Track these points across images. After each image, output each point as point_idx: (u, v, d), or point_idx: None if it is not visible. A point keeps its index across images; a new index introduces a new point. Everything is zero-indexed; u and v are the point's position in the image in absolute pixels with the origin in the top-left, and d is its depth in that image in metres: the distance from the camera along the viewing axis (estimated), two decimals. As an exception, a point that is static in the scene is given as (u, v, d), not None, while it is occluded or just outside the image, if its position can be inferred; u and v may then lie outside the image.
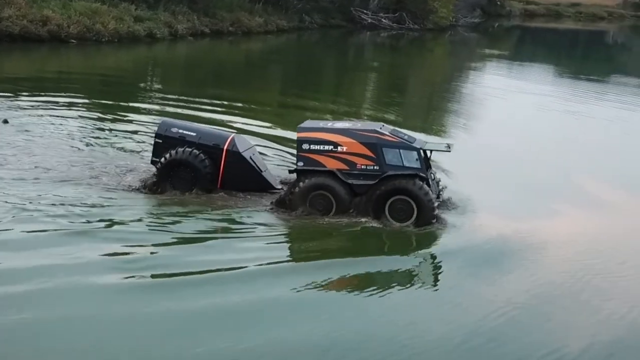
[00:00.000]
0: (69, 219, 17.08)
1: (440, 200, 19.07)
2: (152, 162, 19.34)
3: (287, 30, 71.44)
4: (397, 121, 33.84)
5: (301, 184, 17.75)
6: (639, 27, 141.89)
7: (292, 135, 28.01)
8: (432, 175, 18.97)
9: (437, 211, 18.06)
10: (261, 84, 44.72)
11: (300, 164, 18.03)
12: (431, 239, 17.92)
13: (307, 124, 18.82)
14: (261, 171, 19.39)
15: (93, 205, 18.04)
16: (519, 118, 37.74)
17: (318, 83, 47.80)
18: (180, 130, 19.12)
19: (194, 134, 19.03)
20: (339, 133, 17.91)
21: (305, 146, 17.95)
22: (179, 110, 30.77)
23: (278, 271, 15.53)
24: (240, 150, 19.01)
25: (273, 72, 51.79)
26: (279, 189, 19.31)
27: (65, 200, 18.19)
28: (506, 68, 65.84)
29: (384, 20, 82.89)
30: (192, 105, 32.38)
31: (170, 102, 33.64)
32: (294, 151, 24.41)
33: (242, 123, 29.22)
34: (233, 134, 19.75)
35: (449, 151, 18.68)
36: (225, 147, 18.78)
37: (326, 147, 17.77)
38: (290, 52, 64.73)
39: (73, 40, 47.05)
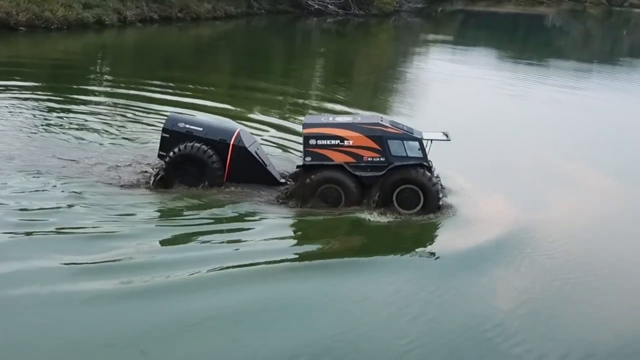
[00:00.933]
0: (43, 216, 16.57)
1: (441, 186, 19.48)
2: (159, 156, 19.41)
3: (236, 16, 71.51)
4: (346, 103, 34.68)
5: (310, 178, 18.09)
6: (576, 11, 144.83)
7: (243, 114, 29.18)
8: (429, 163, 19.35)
9: (441, 197, 18.63)
10: (211, 68, 44.98)
11: (308, 159, 18.28)
12: (435, 229, 18.31)
13: (310, 119, 19.18)
14: (266, 165, 19.60)
15: (70, 202, 17.61)
16: (465, 101, 38.43)
17: (267, 67, 48.22)
18: (187, 125, 19.19)
19: (201, 129, 19.12)
20: (344, 127, 18.29)
21: (312, 142, 18.19)
22: (130, 92, 31.34)
23: (276, 271, 15.34)
24: (246, 145, 19.18)
25: (222, 58, 52.08)
26: (282, 183, 19.54)
27: (36, 193, 17.78)
28: (450, 52, 66.94)
29: (330, 6, 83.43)
30: (143, 87, 32.85)
31: (122, 85, 34.12)
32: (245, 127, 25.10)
33: (192, 103, 29.79)
34: (238, 129, 19.86)
35: (449, 140, 18.95)
36: (231, 142, 18.89)
37: (333, 142, 18.11)
38: (239, 38, 64.85)
39: (22, 28, 46.62)
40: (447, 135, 19.02)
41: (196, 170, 18.56)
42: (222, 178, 18.84)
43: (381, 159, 18.08)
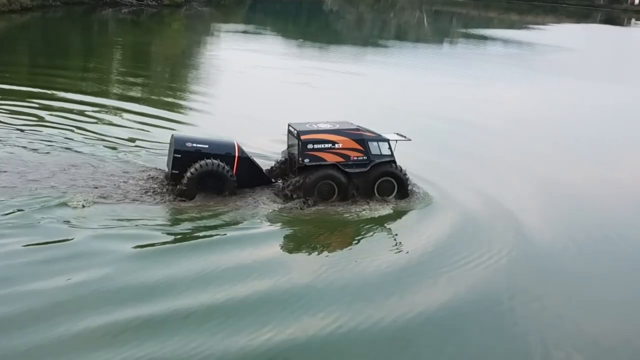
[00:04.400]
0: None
1: None
2: (173, 175, 20.27)
3: (32, 9, 69.42)
4: (144, 98, 35.99)
5: (309, 177, 20.33)
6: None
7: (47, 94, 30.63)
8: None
9: (410, 187, 21.65)
10: (8, 61, 44.12)
11: (307, 160, 20.42)
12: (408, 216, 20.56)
13: (302, 127, 20.87)
14: (261, 169, 21.38)
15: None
16: (262, 88, 39.98)
17: (66, 59, 47.90)
18: (195, 144, 20.33)
19: (207, 146, 20.34)
20: (333, 133, 20.77)
21: (310, 146, 20.44)
22: None
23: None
24: (247, 155, 20.88)
25: (22, 49, 50.69)
26: (275, 182, 21.39)
27: None
28: (242, 40, 68.47)
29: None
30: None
31: None
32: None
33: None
34: (235, 142, 21.15)
35: (410, 140, 21.82)
36: (236, 155, 20.48)
37: (326, 146, 20.56)
38: (36, 30, 63.23)
39: None
40: (405, 136, 21.96)
41: (214, 183, 19.84)
42: (236, 187, 20.27)
43: (364, 157, 20.89)
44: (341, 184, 20.66)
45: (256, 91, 38.92)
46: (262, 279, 15.59)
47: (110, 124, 28.23)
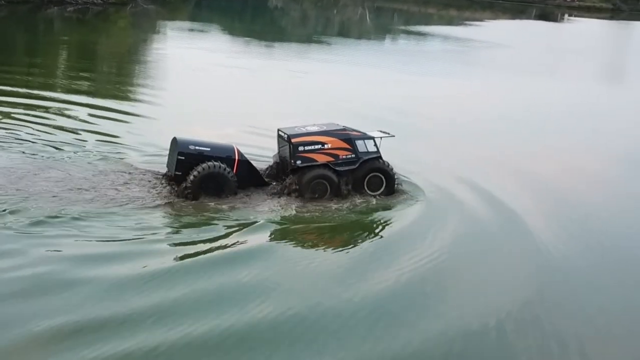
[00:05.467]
0: None
1: None
2: (176, 177, 20.61)
3: (-25, 9, 68.20)
4: (92, 92, 36.07)
5: (304, 177, 21.13)
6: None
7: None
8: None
9: (397, 182, 22.54)
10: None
11: (299, 162, 21.23)
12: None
13: (292, 131, 21.59)
14: (259, 172, 22.01)
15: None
16: (214, 85, 40.49)
17: (11, 57, 47.25)
18: (197, 147, 20.75)
19: (209, 149, 20.81)
20: (322, 134, 21.63)
21: (301, 148, 21.22)
22: None
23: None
24: (246, 158, 21.47)
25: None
26: (268, 183, 21.99)
27: None
28: (189, 38, 68.35)
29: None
30: None
31: None
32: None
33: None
34: (235, 145, 21.66)
35: (393, 136, 22.84)
36: (236, 158, 21.07)
37: (317, 147, 21.40)
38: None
39: None
40: (388, 133, 22.92)
41: (216, 184, 20.37)
42: (237, 188, 20.86)
43: (352, 156, 21.79)
44: (333, 182, 21.55)
45: (207, 89, 39.15)
46: (253, 308, 14.55)
47: (74, 118, 28.27)
